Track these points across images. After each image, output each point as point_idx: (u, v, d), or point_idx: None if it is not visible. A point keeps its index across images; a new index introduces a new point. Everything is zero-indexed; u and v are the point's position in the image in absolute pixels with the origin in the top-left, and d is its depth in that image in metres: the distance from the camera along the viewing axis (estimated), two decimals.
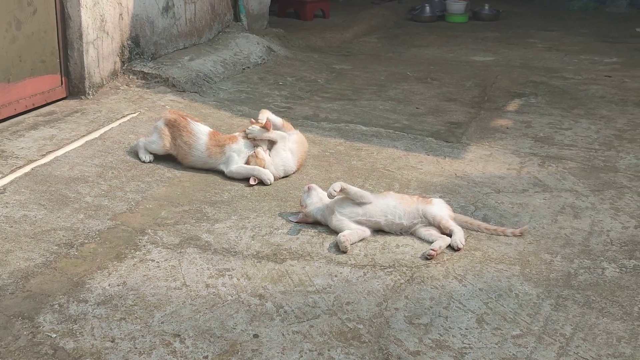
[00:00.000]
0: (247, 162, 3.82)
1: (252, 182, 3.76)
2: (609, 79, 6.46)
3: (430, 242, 3.13)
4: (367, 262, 3.00)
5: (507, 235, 3.26)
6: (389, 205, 3.28)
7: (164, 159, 3.99)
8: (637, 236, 3.32)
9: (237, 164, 3.81)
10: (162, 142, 3.92)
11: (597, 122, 5.11)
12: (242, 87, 5.71)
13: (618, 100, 5.71)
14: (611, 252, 3.15)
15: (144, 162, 3.92)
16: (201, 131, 3.91)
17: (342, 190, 3.24)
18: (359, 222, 3.24)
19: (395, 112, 5.28)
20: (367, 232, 3.22)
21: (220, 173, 3.86)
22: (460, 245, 3.10)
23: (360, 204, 3.26)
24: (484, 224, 3.32)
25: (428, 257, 3.02)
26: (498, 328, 2.56)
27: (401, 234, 3.25)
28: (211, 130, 3.96)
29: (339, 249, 3.07)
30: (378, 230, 3.26)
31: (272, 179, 3.77)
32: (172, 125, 3.92)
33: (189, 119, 3.96)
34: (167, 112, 4.02)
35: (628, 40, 8.45)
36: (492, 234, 3.27)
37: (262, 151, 3.84)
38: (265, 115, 4.04)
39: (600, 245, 3.22)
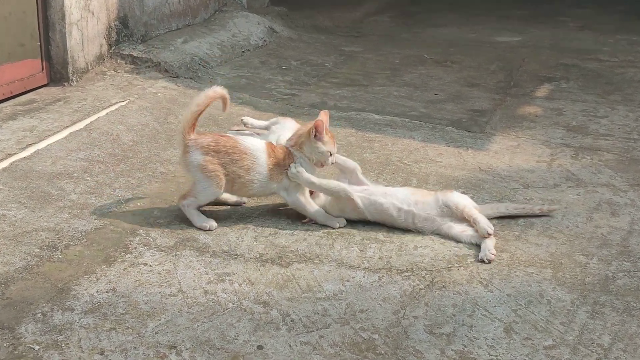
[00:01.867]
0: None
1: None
2: None
3: (469, 242, 3.17)
4: (382, 265, 3.00)
5: (536, 214, 3.38)
6: (397, 191, 3.34)
7: (151, 147, 4.00)
8: None
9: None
10: (216, 183, 3.24)
11: (636, 109, 5.10)
12: (241, 72, 5.71)
13: None
14: None
15: (210, 230, 3.24)
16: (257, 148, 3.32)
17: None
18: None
19: (412, 99, 5.27)
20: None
21: None
22: (490, 231, 3.12)
23: (356, 182, 3.38)
24: (511, 205, 3.44)
25: (487, 261, 3.03)
26: (528, 338, 2.56)
27: (418, 229, 3.24)
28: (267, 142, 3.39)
29: (350, 250, 3.08)
30: (394, 228, 3.26)
31: None
32: (214, 151, 3.25)
33: (233, 137, 3.38)
34: (198, 137, 3.27)
35: None
36: (520, 215, 3.37)
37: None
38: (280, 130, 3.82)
39: None
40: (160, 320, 2.58)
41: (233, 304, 2.69)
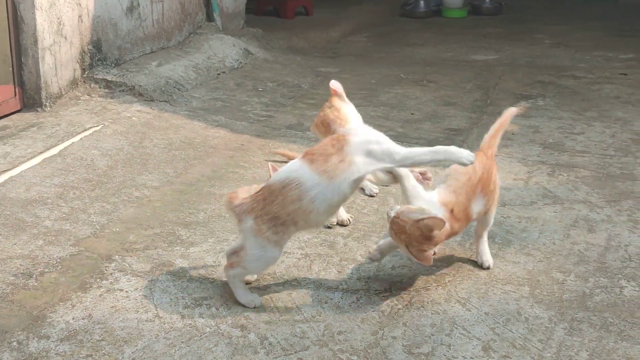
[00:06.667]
0: None
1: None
2: (624, 77, 6.55)
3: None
4: (360, 286, 3.03)
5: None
6: None
7: (126, 171, 4.02)
8: None
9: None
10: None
11: (612, 126, 5.18)
12: (217, 94, 5.74)
13: (635, 101, 5.78)
14: (630, 269, 3.20)
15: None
16: None
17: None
18: None
19: (388, 119, 5.32)
20: None
21: (196, 192, 3.88)
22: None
23: None
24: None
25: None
26: (506, 356, 2.59)
27: None
28: None
29: (328, 272, 3.11)
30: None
31: None
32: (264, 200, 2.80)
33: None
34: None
35: None
36: None
37: None
38: None
39: (617, 262, 3.26)
40: (137, 347, 2.59)
41: (210, 328, 2.71)
